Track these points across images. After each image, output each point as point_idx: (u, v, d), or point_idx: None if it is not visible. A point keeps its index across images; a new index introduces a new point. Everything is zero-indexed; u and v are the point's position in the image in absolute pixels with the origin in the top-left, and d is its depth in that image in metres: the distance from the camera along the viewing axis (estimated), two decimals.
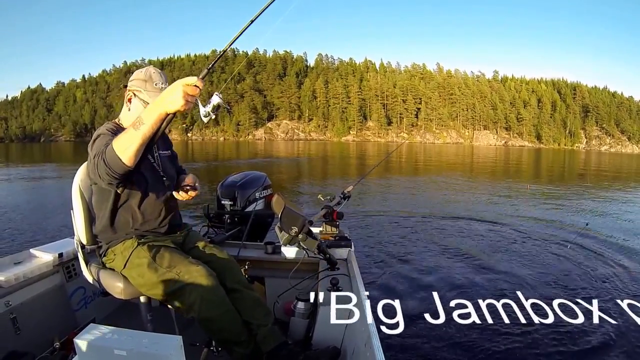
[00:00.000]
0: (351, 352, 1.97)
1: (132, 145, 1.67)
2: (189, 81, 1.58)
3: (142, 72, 2.21)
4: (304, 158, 38.68)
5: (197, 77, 1.60)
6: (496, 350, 3.54)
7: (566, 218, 10.10)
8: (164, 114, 1.63)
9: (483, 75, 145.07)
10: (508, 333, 3.69)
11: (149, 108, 1.67)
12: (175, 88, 1.58)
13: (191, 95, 1.58)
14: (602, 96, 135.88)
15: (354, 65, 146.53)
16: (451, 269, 5.62)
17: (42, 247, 2.74)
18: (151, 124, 1.64)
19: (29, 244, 4.45)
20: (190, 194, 2.36)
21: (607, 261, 6.28)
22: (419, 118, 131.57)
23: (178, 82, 1.60)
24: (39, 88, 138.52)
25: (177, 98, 1.57)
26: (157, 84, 2.15)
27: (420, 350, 3.50)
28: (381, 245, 6.96)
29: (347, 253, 2.89)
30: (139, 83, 2.16)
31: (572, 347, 3.63)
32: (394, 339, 3.39)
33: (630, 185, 20.29)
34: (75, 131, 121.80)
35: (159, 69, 2.24)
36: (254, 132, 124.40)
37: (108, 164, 1.73)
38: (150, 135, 1.68)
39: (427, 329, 3.61)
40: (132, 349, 1.33)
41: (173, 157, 2.52)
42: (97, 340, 1.38)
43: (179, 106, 1.58)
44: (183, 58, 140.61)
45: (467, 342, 3.63)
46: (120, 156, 1.70)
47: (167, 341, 1.39)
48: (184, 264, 2.06)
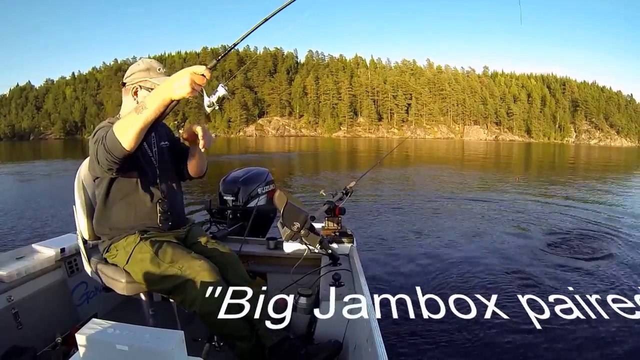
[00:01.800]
0: (353, 347, 1.97)
1: (132, 128, 1.68)
2: (197, 69, 1.59)
3: (138, 64, 2.22)
4: (293, 153, 38.65)
5: (205, 66, 1.61)
6: (498, 345, 3.53)
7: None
8: (168, 99, 1.63)
9: (473, 70, 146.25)
10: (511, 328, 3.67)
11: (154, 93, 1.68)
12: (183, 74, 1.58)
13: (198, 83, 1.59)
14: (591, 91, 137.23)
15: (344, 61, 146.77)
16: (454, 264, 5.59)
17: (44, 242, 2.74)
18: (154, 109, 1.65)
19: (29, 240, 4.41)
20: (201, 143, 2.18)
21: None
22: (409, 114, 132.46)
23: (186, 69, 1.60)
24: (28, 86, 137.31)
25: (184, 84, 1.57)
26: (159, 69, 2.19)
27: (422, 346, 3.49)
28: (384, 241, 6.93)
29: (349, 248, 2.89)
30: (142, 74, 2.17)
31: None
32: (396, 334, 3.42)
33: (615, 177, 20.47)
34: (65, 129, 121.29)
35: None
36: (245, 128, 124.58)
37: (108, 148, 1.74)
38: (152, 120, 1.68)
39: (429, 324, 3.61)
40: (133, 344, 1.32)
41: (173, 145, 2.50)
42: (99, 335, 1.37)
43: (185, 92, 1.58)
44: (174, 55, 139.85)
45: (469, 337, 3.62)
46: (120, 139, 1.70)
47: (169, 336, 1.37)
48: (187, 259, 2.06)
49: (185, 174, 2.50)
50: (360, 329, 1.84)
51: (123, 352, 1.31)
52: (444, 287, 4.84)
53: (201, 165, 2.46)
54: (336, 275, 2.28)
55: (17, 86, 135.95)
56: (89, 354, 1.36)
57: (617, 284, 5.03)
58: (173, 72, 1.67)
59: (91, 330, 1.39)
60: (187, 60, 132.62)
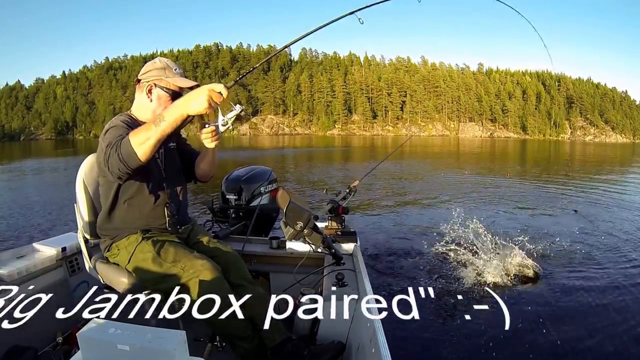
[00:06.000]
0: (356, 347, 1.96)
1: (149, 140, 1.75)
2: (215, 87, 1.69)
3: (155, 62, 2.23)
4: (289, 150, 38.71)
5: (223, 85, 1.70)
6: (504, 345, 3.50)
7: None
8: (185, 114, 1.73)
9: (468, 67, 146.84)
10: (516, 328, 3.68)
11: (172, 107, 1.76)
12: (201, 91, 1.68)
13: (215, 101, 1.69)
14: (586, 87, 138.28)
15: (338, 59, 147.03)
16: (459, 263, 5.54)
17: (45, 241, 2.76)
18: (171, 122, 1.73)
19: (28, 238, 4.39)
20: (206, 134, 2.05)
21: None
22: (404, 111, 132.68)
23: (205, 86, 1.71)
24: (18, 85, 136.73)
25: (202, 101, 1.67)
26: (175, 69, 2.21)
27: (426, 346, 3.49)
28: (387, 240, 6.90)
29: (352, 248, 2.89)
30: (157, 72, 2.18)
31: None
32: (400, 334, 3.38)
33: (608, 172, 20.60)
34: (57, 129, 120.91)
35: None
36: (239, 127, 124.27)
37: (123, 158, 1.79)
38: (168, 134, 1.77)
39: (433, 324, 3.60)
40: (135, 343, 1.31)
41: (180, 147, 2.49)
42: (100, 334, 1.36)
43: (202, 108, 1.68)
44: (166, 53, 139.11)
45: (475, 337, 3.58)
46: (137, 150, 1.76)
47: (171, 336, 1.36)
48: (189, 259, 2.05)
49: (192, 176, 2.50)
50: (364, 329, 1.83)
51: (124, 351, 1.30)
52: (449, 287, 4.81)
53: (213, 165, 2.44)
54: (339, 275, 2.27)
55: (7, 85, 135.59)
56: (90, 354, 1.35)
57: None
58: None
59: (92, 330, 1.38)
60: (180, 58, 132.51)
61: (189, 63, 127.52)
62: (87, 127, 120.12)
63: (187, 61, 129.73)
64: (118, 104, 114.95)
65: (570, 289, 4.78)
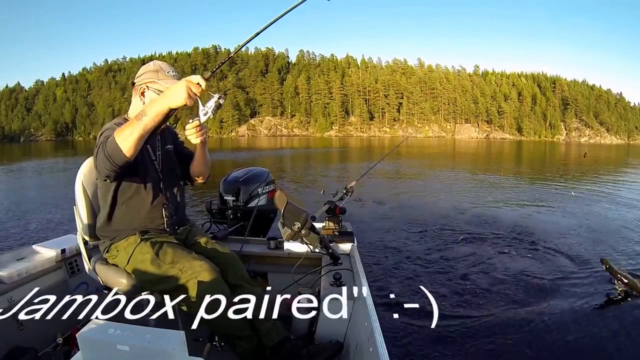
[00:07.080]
0: (354, 347, 1.97)
1: (132, 135, 1.75)
2: (192, 79, 1.72)
3: (149, 65, 2.26)
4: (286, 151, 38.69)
5: (200, 76, 1.72)
6: (501, 346, 3.50)
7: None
8: (167, 108, 1.74)
9: (464, 69, 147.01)
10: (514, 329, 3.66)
11: (153, 101, 1.80)
12: (180, 84, 1.71)
13: (194, 92, 1.70)
14: (581, 89, 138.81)
15: (335, 61, 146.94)
16: (457, 264, 5.57)
17: (45, 243, 2.76)
18: (153, 117, 1.74)
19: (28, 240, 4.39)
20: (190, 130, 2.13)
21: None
22: (400, 112, 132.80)
23: (183, 79, 1.73)
24: (17, 87, 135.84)
25: (180, 93, 1.69)
26: (168, 72, 2.22)
27: (423, 346, 3.46)
28: (384, 240, 6.92)
29: (350, 248, 2.89)
30: (150, 75, 2.20)
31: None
32: (397, 333, 3.38)
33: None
34: (56, 130, 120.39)
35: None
36: (237, 129, 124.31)
37: (108, 154, 1.81)
38: (152, 128, 1.77)
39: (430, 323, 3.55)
40: (134, 344, 1.32)
41: (178, 149, 2.50)
42: (100, 335, 1.36)
43: (181, 100, 1.69)
44: (165, 55, 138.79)
45: (471, 337, 3.57)
46: (121, 146, 1.77)
47: (170, 336, 1.37)
48: (187, 260, 2.06)
49: (188, 178, 2.52)
50: (362, 328, 1.84)
51: (124, 352, 1.30)
52: (446, 286, 4.82)
53: (205, 164, 2.45)
54: (337, 275, 2.28)
55: (7, 87, 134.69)
56: (89, 355, 1.36)
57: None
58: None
59: (92, 331, 1.39)
60: (178, 60, 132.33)
61: (187, 65, 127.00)
62: (87, 128, 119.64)
63: (185, 63, 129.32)
64: (117, 105, 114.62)
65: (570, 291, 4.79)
